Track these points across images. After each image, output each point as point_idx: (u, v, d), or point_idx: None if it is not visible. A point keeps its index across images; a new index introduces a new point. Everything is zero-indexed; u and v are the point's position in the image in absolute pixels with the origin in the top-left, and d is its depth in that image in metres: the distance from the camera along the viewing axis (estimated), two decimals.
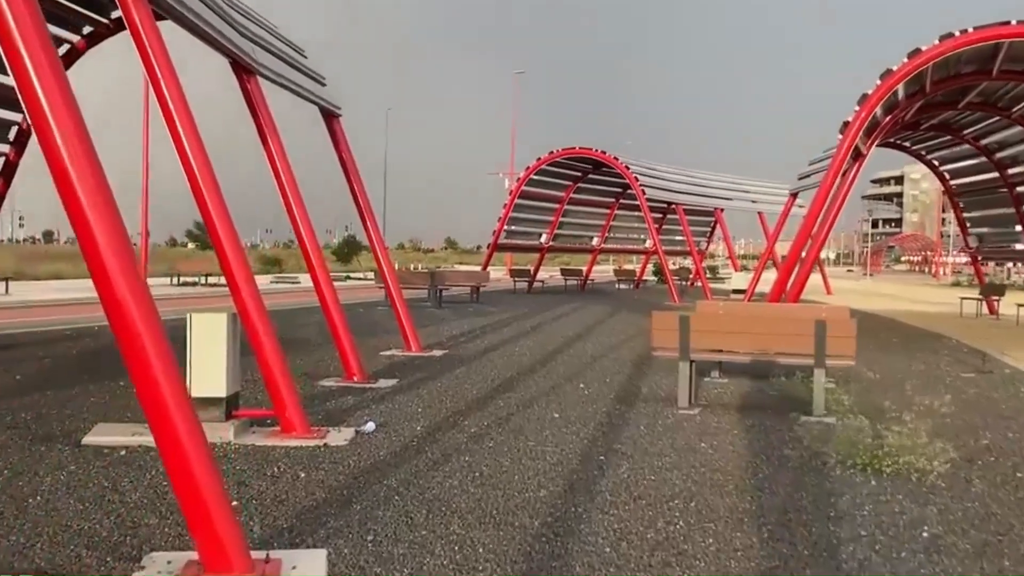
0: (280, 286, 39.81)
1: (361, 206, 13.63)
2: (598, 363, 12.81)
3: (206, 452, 4.30)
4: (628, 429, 8.08)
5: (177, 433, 4.22)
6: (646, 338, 16.60)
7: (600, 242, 40.57)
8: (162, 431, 4.25)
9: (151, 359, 4.22)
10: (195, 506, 4.21)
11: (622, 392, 10.24)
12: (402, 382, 10.64)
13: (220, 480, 4.40)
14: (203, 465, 4.26)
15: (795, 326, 9.33)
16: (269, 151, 10.44)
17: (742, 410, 9.24)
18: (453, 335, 16.67)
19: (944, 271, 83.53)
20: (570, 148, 32.51)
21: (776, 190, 39.87)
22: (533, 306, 26.35)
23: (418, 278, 26.72)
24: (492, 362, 12.72)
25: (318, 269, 10.59)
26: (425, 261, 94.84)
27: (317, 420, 8.14)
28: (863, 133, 15.71)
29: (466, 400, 9.42)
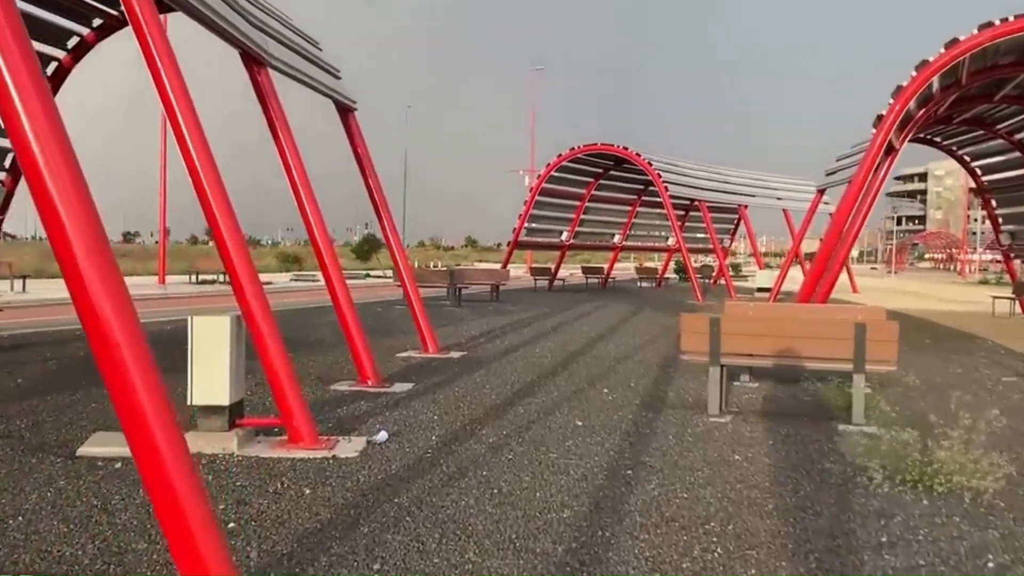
0: (299, 284, 39.54)
1: (377, 202, 13.21)
2: (622, 365, 12.33)
3: (188, 467, 3.85)
4: (656, 439, 7.60)
5: (156, 445, 3.76)
6: (671, 339, 16.14)
7: (621, 240, 40.05)
8: (139, 443, 3.79)
9: (126, 362, 3.76)
10: (177, 528, 3.76)
11: (648, 398, 9.76)
12: (418, 386, 10.20)
13: (205, 498, 3.94)
14: (186, 481, 3.80)
15: (832, 329, 8.82)
16: (280, 145, 10.04)
17: (776, 418, 8.74)
18: (472, 335, 16.22)
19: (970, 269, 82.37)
20: (591, 144, 32.02)
21: (802, 186, 39.21)
22: (554, 305, 25.88)
23: (437, 276, 26.31)
24: (512, 364, 12.26)
25: (331, 267, 10.17)
26: (445, 259, 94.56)
27: (327, 428, 7.71)
28: (896, 127, 15.14)
29: (484, 406, 8.97)
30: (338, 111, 12.94)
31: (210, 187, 6.94)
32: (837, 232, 14.64)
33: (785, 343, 8.79)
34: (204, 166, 6.93)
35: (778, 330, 8.87)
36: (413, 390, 9.91)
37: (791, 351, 8.75)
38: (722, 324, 8.71)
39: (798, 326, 8.97)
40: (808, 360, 8.78)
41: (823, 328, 8.88)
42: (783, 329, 8.86)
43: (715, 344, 8.70)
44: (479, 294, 28.37)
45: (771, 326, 8.92)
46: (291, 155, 10.03)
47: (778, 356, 8.80)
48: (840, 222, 14.58)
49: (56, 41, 12.70)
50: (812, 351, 8.71)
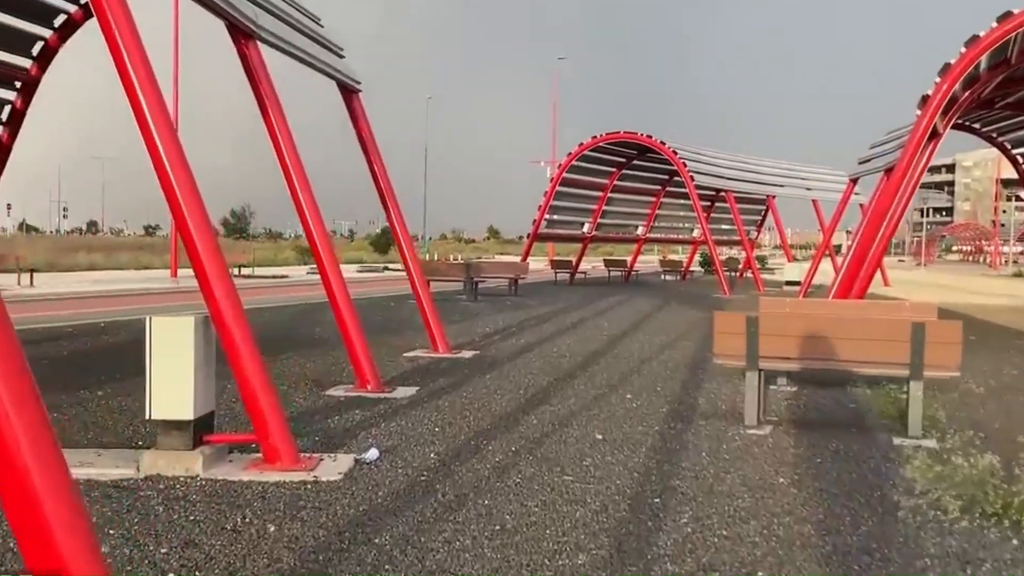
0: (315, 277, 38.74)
1: (383, 189, 12.28)
2: (646, 367, 11.35)
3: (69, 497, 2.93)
4: (687, 456, 6.63)
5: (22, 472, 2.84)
6: (698, 336, 15.14)
7: (645, 231, 38.98)
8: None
9: None
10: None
11: (676, 405, 8.79)
12: (422, 391, 9.28)
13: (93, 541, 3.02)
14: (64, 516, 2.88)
15: (886, 329, 7.81)
16: (271, 127, 9.15)
17: (820, 429, 7.75)
18: (486, 332, 15.29)
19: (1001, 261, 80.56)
20: (614, 132, 30.97)
21: (832, 176, 38.00)
22: (574, 299, 24.90)
23: (453, 269, 25.40)
24: (527, 365, 11.32)
25: (326, 260, 9.27)
26: (467, 251, 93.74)
27: (312, 443, 6.80)
28: (941, 110, 14.05)
29: (493, 416, 8.03)
30: (341, 92, 12.02)
31: (176, 177, 6.03)
32: (878, 222, 13.58)
33: (831, 345, 7.78)
34: (171, 159, 6.03)
35: (823, 330, 7.86)
36: (416, 396, 8.99)
37: (838, 354, 7.74)
38: (761, 324, 7.72)
39: (845, 326, 7.96)
40: (858, 364, 7.77)
41: (875, 328, 7.87)
42: (828, 329, 7.85)
43: (753, 347, 7.72)
44: (497, 288, 27.44)
45: (814, 326, 7.91)
46: (283, 138, 9.14)
47: (824, 360, 7.79)
48: (882, 211, 13.53)
49: (20, 49, 11.88)
50: (863, 354, 7.69)
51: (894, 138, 23.29)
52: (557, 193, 32.99)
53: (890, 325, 7.92)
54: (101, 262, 42.34)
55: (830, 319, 8.29)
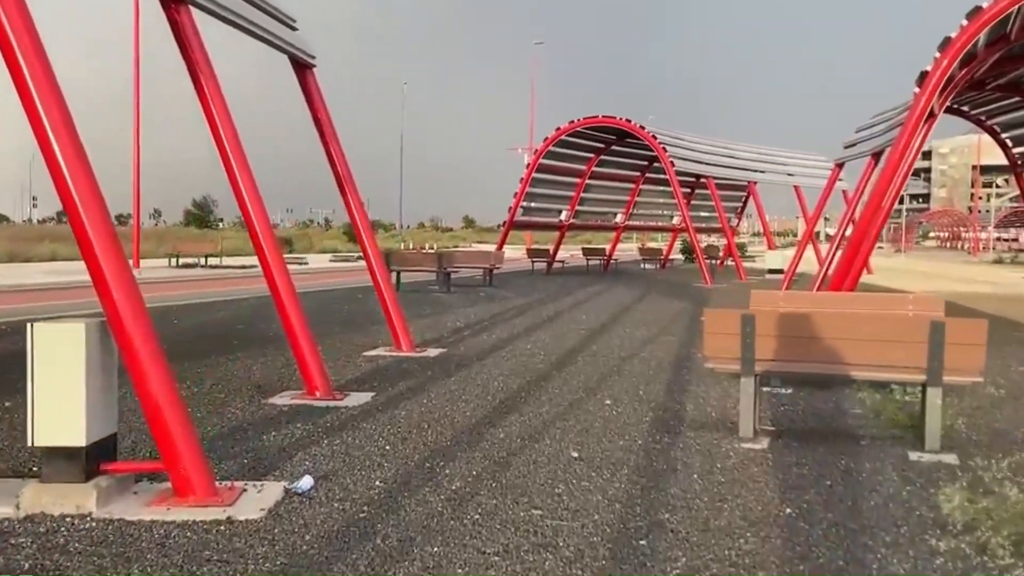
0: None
1: (340, 174, 11.26)
2: (627, 366, 10.41)
3: None
4: (676, 480, 5.69)
5: None
6: (681, 330, 14.23)
7: (624, 219, 38.09)
8: None
9: None
10: None
11: (661, 412, 7.85)
12: (378, 398, 8.29)
13: None
14: None
15: (897, 328, 6.90)
16: (204, 100, 8.15)
17: (824, 440, 6.84)
18: (456, 327, 14.31)
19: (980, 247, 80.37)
20: (592, 116, 30.02)
21: (815, 162, 37.25)
22: (551, 290, 23.96)
23: (425, 259, 24.37)
24: (497, 366, 10.35)
25: (267, 248, 8.25)
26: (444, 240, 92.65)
27: (239, 467, 5.82)
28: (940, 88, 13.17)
29: (455, 428, 7.06)
30: (294, 68, 10.98)
31: (65, 157, 5.01)
32: (875, 207, 12.70)
33: (838, 348, 6.86)
34: (59, 135, 5.00)
35: (828, 330, 6.93)
36: (370, 404, 8.00)
37: (847, 358, 6.81)
38: (757, 323, 6.79)
39: (854, 325, 7.04)
40: (869, 369, 6.85)
41: (886, 327, 6.95)
42: (834, 329, 6.92)
43: (749, 349, 6.78)
44: (472, 278, 26.46)
45: (818, 325, 6.98)
46: (218, 112, 8.14)
47: (830, 364, 6.86)
48: (880, 194, 12.63)
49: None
50: (873, 357, 6.77)
51: (880, 121, 22.49)
52: (534, 180, 32.03)
53: (904, 324, 7.02)
54: (63, 252, 40.94)
55: (836, 317, 7.36)
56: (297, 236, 67.75)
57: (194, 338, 12.61)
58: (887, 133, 20.52)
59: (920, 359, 6.53)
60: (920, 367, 6.55)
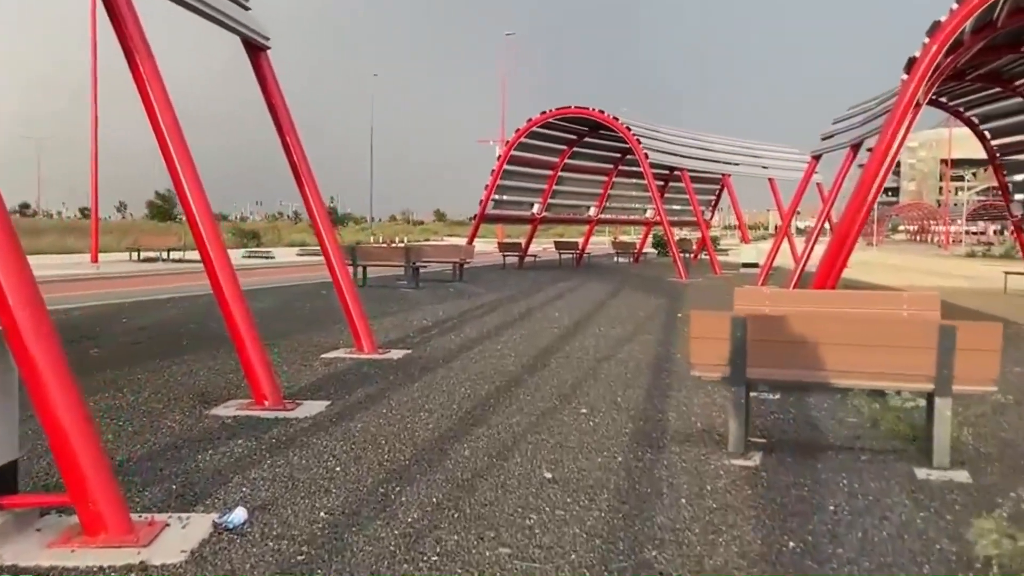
0: (250, 262, 36.75)
1: (296, 163, 10.52)
2: (604, 369, 9.76)
3: None
4: (663, 507, 5.04)
5: None
6: (658, 328, 13.60)
7: (597, 212, 37.47)
8: None
9: None
10: None
11: (642, 422, 7.20)
12: (332, 408, 7.58)
13: None
14: None
15: (902, 332, 6.30)
16: (140, 80, 7.40)
17: (821, 456, 6.23)
18: (423, 326, 13.59)
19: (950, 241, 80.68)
20: (565, 107, 29.35)
21: (789, 155, 36.83)
22: (523, 285, 23.29)
23: (393, 254, 23.60)
24: (465, 369, 9.66)
25: (209, 244, 7.51)
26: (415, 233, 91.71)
27: (164, 494, 5.09)
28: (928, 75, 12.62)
29: (415, 444, 6.37)
30: (246, 50, 10.23)
31: None
32: (861, 199, 12.12)
33: (835, 353, 6.22)
34: None
35: (826, 335, 6.30)
36: (323, 415, 7.29)
37: (845, 364, 6.19)
38: (749, 327, 6.14)
39: (852, 328, 6.42)
40: (870, 377, 6.23)
41: (890, 331, 6.34)
42: (833, 333, 6.30)
43: (739, 355, 6.15)
44: (442, 273, 25.73)
45: (816, 329, 6.34)
46: (155, 95, 7.42)
47: (826, 372, 6.23)
48: (867, 185, 12.05)
49: None
50: (875, 364, 6.15)
51: (859, 112, 21.99)
52: (505, 172, 31.34)
53: (910, 328, 6.42)
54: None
55: (834, 320, 6.74)
56: (265, 229, 66.53)
57: (141, 338, 11.81)
58: (866, 124, 20.01)
59: (928, 366, 5.92)
60: (928, 375, 5.94)
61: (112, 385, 8.43)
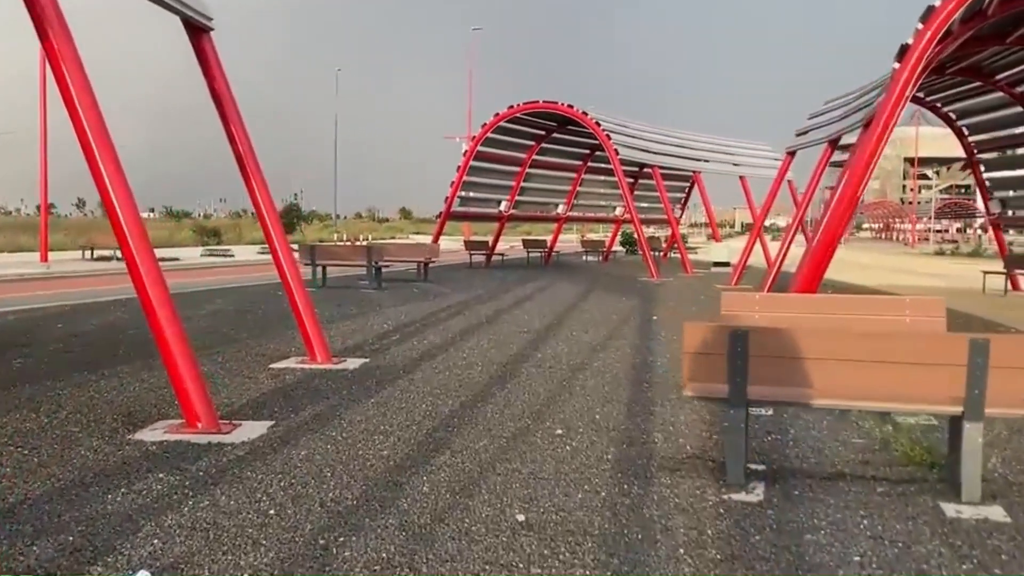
0: (209, 260, 35.63)
1: (241, 154, 9.60)
2: (579, 380, 8.94)
3: None
4: (659, 561, 4.21)
5: None
6: (633, 332, 12.75)
7: (566, 210, 36.69)
8: None
9: None
10: None
11: (625, 445, 6.38)
12: (275, 430, 6.69)
13: None
14: None
15: (925, 348, 5.51)
16: (55, 61, 6.47)
17: (832, 488, 5.44)
18: (383, 331, 12.70)
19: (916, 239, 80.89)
20: (533, 102, 28.53)
21: (761, 152, 36.28)
22: (491, 285, 22.44)
23: (355, 252, 22.64)
24: (428, 381, 8.80)
25: (132, 241, 6.59)
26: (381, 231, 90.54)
27: (56, 551, 4.19)
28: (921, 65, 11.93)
29: (366, 478, 5.50)
30: (187, 31, 9.32)
31: None
32: (851, 194, 11.40)
33: (845, 371, 5.44)
34: None
35: (836, 349, 5.51)
36: (263, 440, 6.39)
37: (859, 383, 5.41)
38: (751, 341, 5.34)
39: (864, 343, 5.63)
40: (889, 400, 5.44)
41: (909, 346, 5.55)
42: (844, 347, 5.51)
43: (740, 372, 5.34)
44: (406, 272, 24.81)
45: (821, 343, 5.55)
46: (72, 78, 6.48)
47: (839, 393, 5.44)
48: (856, 181, 11.34)
49: None
50: (893, 383, 5.37)
51: (837, 107, 21.37)
52: (472, 168, 30.48)
53: (932, 342, 5.64)
54: None
55: (848, 334, 5.96)
56: (227, 227, 65.06)
57: (74, 346, 10.81)
58: (845, 119, 19.39)
59: (955, 386, 5.15)
60: (954, 396, 5.17)
61: (28, 403, 7.48)
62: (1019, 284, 22.52)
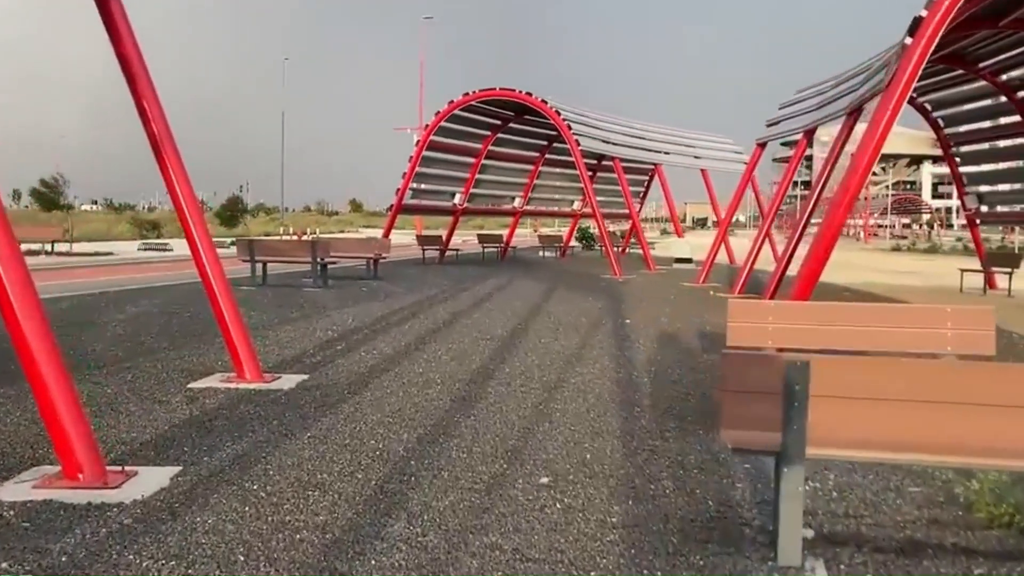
0: (144, 255, 33.71)
1: (155, 133, 8.06)
2: (557, 403, 7.54)
3: None
4: None
5: None
6: (608, 339, 11.21)
7: (523, 203, 35.30)
8: None
9: None
10: None
11: (630, 500, 4.99)
12: (180, 481, 5.19)
13: None
14: None
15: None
16: None
17: (910, 564, 4.11)
18: (327, 338, 11.19)
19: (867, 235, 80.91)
20: (489, 89, 27.10)
21: (722, 144, 35.24)
22: (446, 283, 20.98)
23: (297, 248, 21.00)
24: (377, 406, 7.34)
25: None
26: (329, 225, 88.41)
27: None
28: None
29: (291, 563, 4.04)
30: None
31: None
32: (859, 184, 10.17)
33: (929, 416, 4.10)
34: None
35: (909, 385, 4.17)
36: (160, 498, 4.88)
37: (946, 433, 4.07)
38: (814, 377, 3.97)
39: (950, 378, 4.29)
40: (992, 455, 4.11)
41: (1006, 385, 4.22)
42: (931, 387, 4.16)
43: (798, 419, 3.98)
44: (355, 269, 23.24)
45: (899, 379, 4.20)
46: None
47: (922, 449, 4.09)
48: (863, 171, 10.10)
49: None
50: (987, 433, 4.05)
51: (813, 95, 20.27)
52: (425, 159, 28.94)
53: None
54: None
55: (933, 367, 4.61)
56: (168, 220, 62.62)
57: None
58: (823, 108, 18.28)
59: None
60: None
61: None
62: (996, 283, 21.61)
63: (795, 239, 16.63)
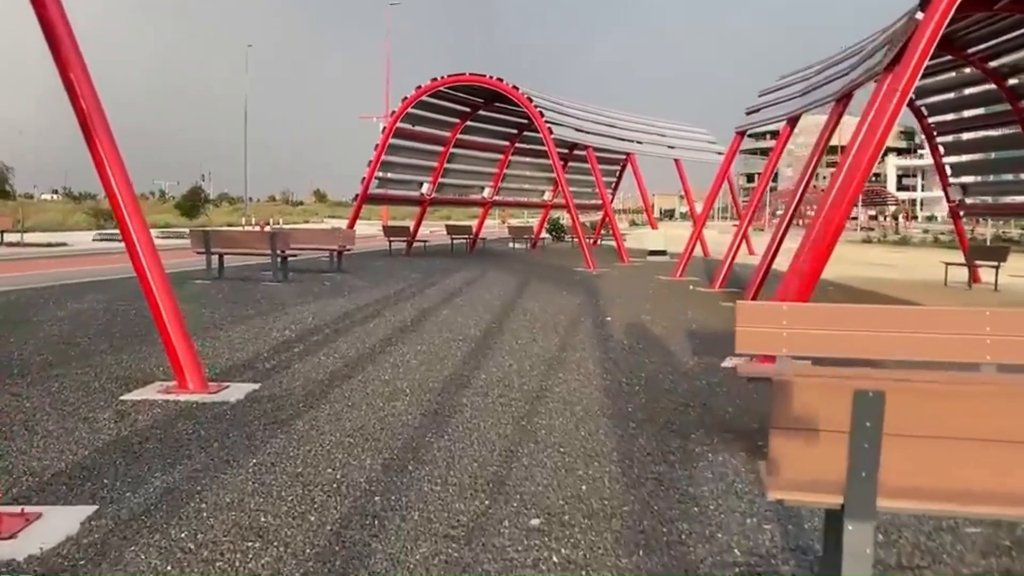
0: (99, 245, 32.39)
1: (85, 112, 7.08)
2: (543, 418, 6.65)
3: None
4: None
5: None
6: (589, 341, 10.19)
7: (492, 193, 34.37)
8: None
9: None
10: None
11: (642, 551, 4.11)
12: (93, 527, 4.24)
13: None
14: None
15: None
16: None
17: None
18: (283, 339, 10.22)
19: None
20: (458, 74, 26.13)
21: (696, 135, 34.53)
22: (414, 277, 20.03)
23: (259, 240, 19.92)
24: (336, 423, 6.42)
25: None
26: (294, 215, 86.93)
27: None
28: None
29: None
30: None
31: None
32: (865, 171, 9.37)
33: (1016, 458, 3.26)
34: None
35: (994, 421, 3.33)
36: (64, 555, 3.94)
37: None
38: (889, 409, 3.10)
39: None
40: None
41: None
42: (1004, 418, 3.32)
43: (867, 465, 3.11)
44: (318, 261, 22.20)
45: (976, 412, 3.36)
46: None
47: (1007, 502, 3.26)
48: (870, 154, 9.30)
49: None
50: None
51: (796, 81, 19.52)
52: (392, 147, 27.92)
53: None
54: None
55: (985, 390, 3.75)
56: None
57: None
58: (808, 94, 17.52)
59: None
60: None
61: None
62: (980, 277, 21.04)
63: (780, 233, 15.84)
